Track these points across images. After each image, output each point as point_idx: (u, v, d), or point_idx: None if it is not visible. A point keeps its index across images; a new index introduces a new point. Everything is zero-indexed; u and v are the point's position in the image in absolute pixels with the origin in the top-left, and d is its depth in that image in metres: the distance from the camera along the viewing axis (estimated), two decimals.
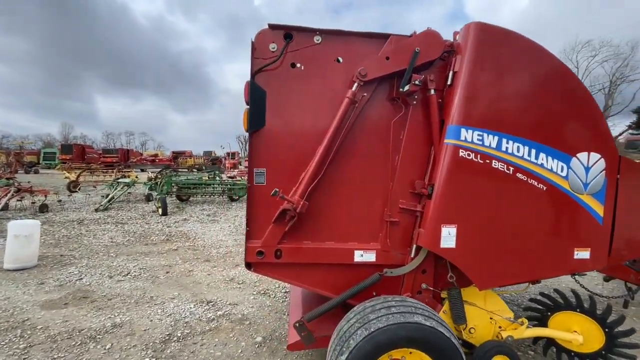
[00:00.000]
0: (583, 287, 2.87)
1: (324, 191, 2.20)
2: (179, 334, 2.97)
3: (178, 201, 11.10)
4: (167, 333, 2.99)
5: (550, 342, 2.47)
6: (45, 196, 9.32)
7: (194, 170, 23.07)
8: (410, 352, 1.88)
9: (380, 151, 2.24)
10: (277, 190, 2.05)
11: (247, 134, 2.19)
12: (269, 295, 3.84)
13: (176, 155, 33.67)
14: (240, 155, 27.63)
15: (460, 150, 2.08)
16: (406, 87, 2.09)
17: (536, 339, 2.53)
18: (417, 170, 2.23)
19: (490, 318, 2.36)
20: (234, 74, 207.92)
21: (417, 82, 2.09)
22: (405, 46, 2.13)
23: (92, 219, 8.30)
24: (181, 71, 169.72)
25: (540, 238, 2.17)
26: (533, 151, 2.13)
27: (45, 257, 5.21)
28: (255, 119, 2.15)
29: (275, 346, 2.82)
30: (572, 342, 2.28)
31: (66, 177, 14.32)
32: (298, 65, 2.18)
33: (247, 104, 2.16)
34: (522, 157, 2.12)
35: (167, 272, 4.62)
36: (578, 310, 2.32)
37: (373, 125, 2.24)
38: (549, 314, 2.41)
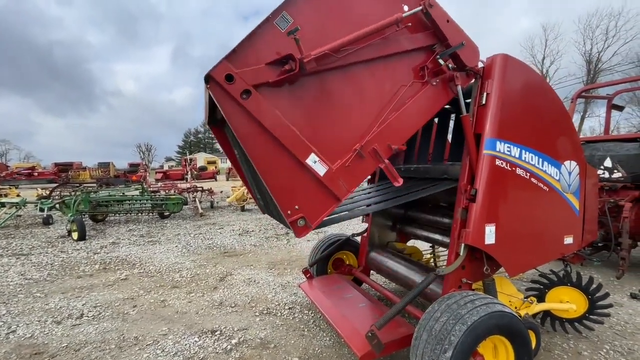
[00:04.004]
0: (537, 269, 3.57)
1: (324, 84, 2.10)
2: None
3: (92, 222, 9.24)
4: None
5: (546, 313, 3.05)
6: None
7: (103, 185, 19.44)
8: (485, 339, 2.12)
9: (387, 95, 2.30)
10: (299, 27, 1.82)
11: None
12: (275, 314, 3.61)
13: (62, 167, 27.60)
14: (147, 165, 24.29)
15: (496, 160, 2.46)
16: (442, 62, 2.37)
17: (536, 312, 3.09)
18: (401, 134, 2.33)
19: (509, 300, 2.79)
20: (127, 74, 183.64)
21: (449, 66, 2.40)
22: (457, 32, 2.42)
23: None
24: (52, 66, 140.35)
25: (546, 229, 2.71)
26: (540, 160, 2.66)
27: None
28: None
29: None
30: (568, 310, 2.88)
31: None
32: None
33: None
34: (534, 165, 2.62)
35: (135, 306, 3.87)
36: (569, 284, 2.95)
37: (397, 72, 2.33)
38: (547, 290, 2.98)
